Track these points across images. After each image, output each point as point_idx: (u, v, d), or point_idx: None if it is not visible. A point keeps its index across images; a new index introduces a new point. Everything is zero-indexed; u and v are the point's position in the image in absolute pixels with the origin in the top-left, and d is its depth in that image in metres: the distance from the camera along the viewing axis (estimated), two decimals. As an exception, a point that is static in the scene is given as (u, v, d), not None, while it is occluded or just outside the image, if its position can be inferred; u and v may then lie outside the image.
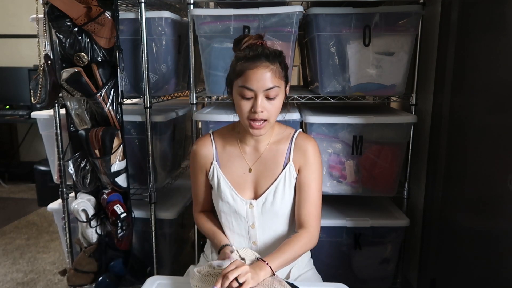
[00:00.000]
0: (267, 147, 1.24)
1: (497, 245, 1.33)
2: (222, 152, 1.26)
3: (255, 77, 1.09)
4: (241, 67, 1.11)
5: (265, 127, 1.14)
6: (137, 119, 1.78)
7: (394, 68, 1.69)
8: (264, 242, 1.26)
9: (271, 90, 1.11)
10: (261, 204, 1.22)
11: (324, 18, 1.64)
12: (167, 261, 1.98)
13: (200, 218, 1.35)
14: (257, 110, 1.10)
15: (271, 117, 1.14)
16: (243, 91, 1.11)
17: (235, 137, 1.27)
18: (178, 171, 2.19)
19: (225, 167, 1.25)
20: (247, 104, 1.12)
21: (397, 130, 1.70)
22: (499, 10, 1.34)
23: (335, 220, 1.72)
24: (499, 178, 1.29)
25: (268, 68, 1.10)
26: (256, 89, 1.10)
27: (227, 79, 1.20)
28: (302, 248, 1.18)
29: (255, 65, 1.10)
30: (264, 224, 1.24)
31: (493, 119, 1.37)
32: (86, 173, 1.73)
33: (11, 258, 2.59)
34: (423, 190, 1.88)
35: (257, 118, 1.12)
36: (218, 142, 1.27)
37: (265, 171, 1.23)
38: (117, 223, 1.70)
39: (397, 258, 1.83)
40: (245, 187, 1.24)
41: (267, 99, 1.12)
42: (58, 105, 1.80)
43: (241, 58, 1.13)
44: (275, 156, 1.24)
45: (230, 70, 1.18)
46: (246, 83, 1.10)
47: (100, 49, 1.62)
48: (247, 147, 1.25)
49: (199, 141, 1.30)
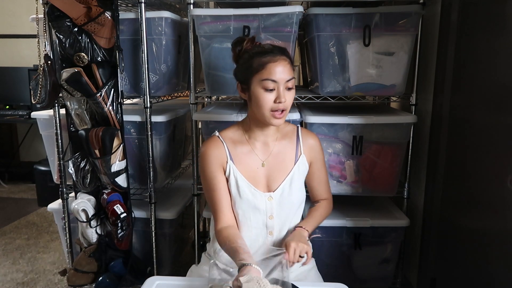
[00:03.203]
0: (276, 142, 1.31)
1: (497, 245, 1.33)
2: (233, 150, 1.28)
3: (277, 70, 1.17)
4: (261, 62, 1.18)
5: (283, 116, 1.22)
6: (137, 119, 1.78)
7: (394, 68, 1.69)
8: (279, 231, 1.30)
9: (290, 81, 1.19)
10: (279, 195, 1.28)
11: (324, 18, 1.64)
12: (167, 261, 1.98)
13: (224, 233, 1.22)
14: (282, 99, 1.17)
15: (288, 106, 1.22)
16: (266, 84, 1.17)
17: (243, 135, 1.31)
18: (178, 171, 2.19)
19: (239, 165, 1.27)
20: (270, 96, 1.18)
21: (397, 130, 1.70)
22: (499, 10, 1.34)
23: (335, 220, 1.72)
24: (499, 178, 1.29)
25: (286, 61, 1.20)
26: (279, 80, 1.17)
27: (241, 76, 1.25)
28: (327, 212, 1.39)
29: (276, 59, 1.18)
30: (281, 215, 1.29)
31: (493, 119, 1.36)
32: (86, 173, 1.73)
33: (11, 258, 2.59)
34: (423, 190, 1.88)
35: (280, 108, 1.18)
36: (228, 141, 1.29)
37: (277, 164, 1.30)
38: (117, 223, 1.70)
39: (397, 258, 1.83)
40: (260, 182, 1.29)
41: (287, 90, 1.20)
42: (58, 105, 1.80)
43: (257, 54, 1.20)
44: (285, 149, 1.31)
45: (244, 68, 1.23)
46: (270, 76, 1.17)
47: (100, 49, 1.62)
48: (257, 143, 1.30)
49: (208, 143, 1.29)
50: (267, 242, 1.30)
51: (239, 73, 1.26)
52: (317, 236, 1.68)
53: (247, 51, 1.24)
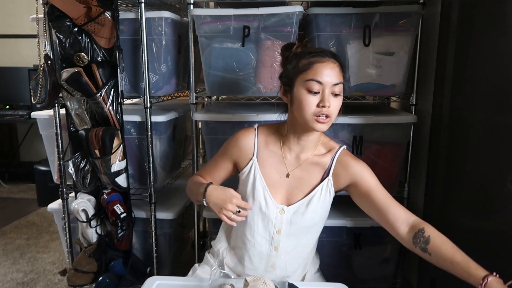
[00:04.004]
0: (310, 158, 1.22)
1: (497, 245, 1.33)
2: (263, 150, 1.23)
3: (325, 71, 1.09)
4: (308, 62, 1.11)
5: (327, 123, 1.11)
6: (137, 119, 1.78)
7: (394, 68, 1.69)
8: (285, 249, 1.24)
9: (337, 85, 1.10)
10: (291, 212, 1.21)
11: (324, 18, 1.64)
12: (167, 261, 1.98)
13: (196, 176, 1.33)
14: (326, 104, 1.07)
15: (333, 114, 1.11)
16: (311, 85, 1.09)
17: (279, 139, 1.24)
18: (178, 171, 2.19)
19: (263, 167, 1.22)
20: (314, 99, 1.09)
21: (397, 130, 1.70)
22: (499, 10, 1.34)
23: (335, 220, 1.72)
24: (499, 178, 1.29)
25: (336, 64, 1.11)
26: (325, 83, 1.08)
27: (285, 77, 1.17)
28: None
29: (325, 60, 1.10)
30: (290, 233, 1.22)
31: (493, 119, 1.36)
32: (86, 173, 1.73)
33: (11, 258, 2.59)
34: (423, 190, 1.88)
35: (323, 113, 1.08)
36: (261, 138, 1.24)
37: (302, 180, 1.21)
38: (117, 223, 1.70)
39: (397, 258, 1.83)
40: (279, 191, 1.22)
41: (333, 95, 1.10)
42: (58, 105, 1.80)
43: (306, 54, 1.13)
44: (316, 168, 1.22)
45: (290, 67, 1.15)
46: (316, 76, 1.08)
47: (100, 49, 1.62)
48: (289, 153, 1.22)
49: (244, 131, 1.25)
50: (271, 258, 1.25)
51: (284, 75, 1.18)
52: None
53: (297, 53, 1.16)
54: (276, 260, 1.25)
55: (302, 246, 1.26)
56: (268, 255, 1.25)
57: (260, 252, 1.25)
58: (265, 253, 1.24)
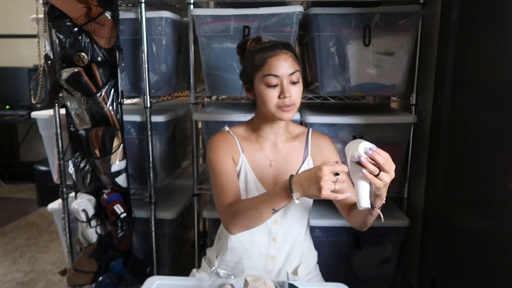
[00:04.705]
0: (286, 143, 1.27)
1: (497, 245, 1.33)
2: (244, 145, 1.25)
3: (278, 64, 1.13)
4: (261, 58, 1.15)
5: (292, 110, 1.16)
6: (137, 119, 1.78)
7: (394, 68, 1.69)
8: (283, 238, 1.26)
9: (294, 74, 1.14)
10: None
11: (324, 18, 1.64)
12: (167, 261, 1.98)
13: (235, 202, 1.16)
14: (286, 94, 1.12)
15: (297, 101, 1.16)
16: (268, 80, 1.13)
17: (252, 134, 1.28)
18: (178, 171, 2.19)
19: (250, 161, 1.24)
20: (274, 92, 1.14)
21: (397, 130, 1.70)
22: (499, 10, 1.34)
23: (335, 220, 1.72)
24: (499, 178, 1.29)
25: (288, 54, 1.15)
26: (281, 75, 1.13)
27: (245, 76, 1.22)
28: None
29: (276, 53, 1.14)
30: (286, 220, 1.25)
31: (493, 119, 1.36)
32: (86, 173, 1.73)
33: (11, 258, 2.59)
34: (423, 190, 1.88)
35: (285, 104, 1.13)
36: (238, 136, 1.26)
37: (285, 165, 1.25)
38: (117, 223, 1.70)
39: (397, 258, 1.83)
40: (267, 182, 1.24)
41: (292, 84, 1.15)
42: (58, 105, 1.80)
43: (258, 50, 1.16)
44: (294, 151, 1.27)
45: (247, 66, 1.20)
46: (271, 71, 1.13)
47: (100, 49, 1.62)
48: (266, 143, 1.26)
49: (218, 135, 1.25)
50: (271, 250, 1.25)
51: (243, 74, 1.23)
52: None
53: (250, 51, 1.20)
54: (276, 251, 1.26)
55: (297, 232, 1.28)
56: (267, 248, 1.26)
57: (259, 246, 1.26)
58: (264, 246, 1.26)
